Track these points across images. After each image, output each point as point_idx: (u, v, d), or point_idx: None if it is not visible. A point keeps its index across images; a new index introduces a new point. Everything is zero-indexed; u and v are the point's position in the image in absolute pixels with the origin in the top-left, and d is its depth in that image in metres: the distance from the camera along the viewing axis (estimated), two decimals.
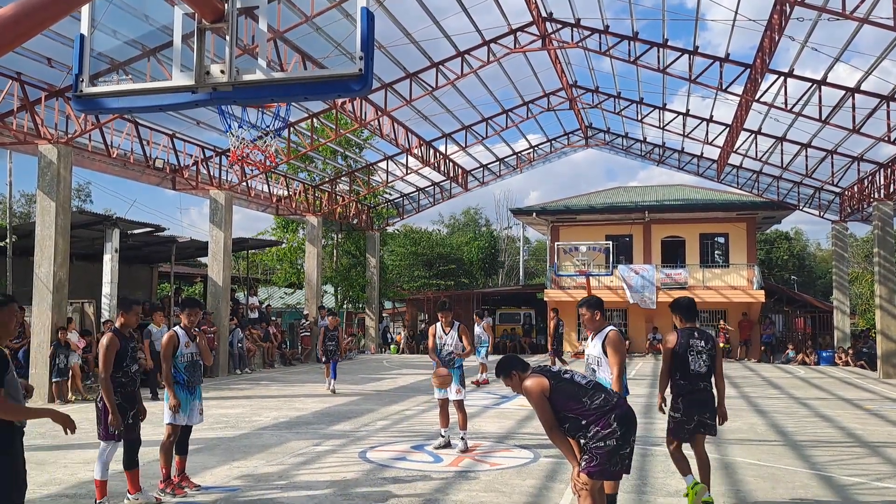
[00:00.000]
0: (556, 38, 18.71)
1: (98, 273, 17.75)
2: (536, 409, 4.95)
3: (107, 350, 6.14)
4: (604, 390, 4.97)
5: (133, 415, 6.29)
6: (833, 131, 18.99)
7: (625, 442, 4.76)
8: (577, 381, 4.96)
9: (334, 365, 15.06)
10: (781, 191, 27.42)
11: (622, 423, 4.75)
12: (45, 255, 14.36)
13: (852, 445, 9.62)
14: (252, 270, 32.14)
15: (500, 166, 30.84)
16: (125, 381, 6.25)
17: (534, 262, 58.38)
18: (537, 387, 4.87)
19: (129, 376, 6.29)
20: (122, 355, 6.22)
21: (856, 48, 14.90)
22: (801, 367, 24.53)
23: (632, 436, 4.84)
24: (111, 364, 6.14)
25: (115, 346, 6.17)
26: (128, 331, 6.47)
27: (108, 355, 6.13)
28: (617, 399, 4.94)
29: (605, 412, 4.77)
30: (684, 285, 29.14)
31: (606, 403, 4.81)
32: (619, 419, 4.75)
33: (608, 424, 4.73)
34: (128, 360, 6.27)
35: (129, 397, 6.26)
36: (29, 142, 14.74)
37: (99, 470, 6.11)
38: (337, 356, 15.23)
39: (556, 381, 4.92)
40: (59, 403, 13.46)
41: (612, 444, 4.70)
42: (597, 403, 4.80)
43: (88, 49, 4.34)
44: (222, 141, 19.47)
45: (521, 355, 20.20)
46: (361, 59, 4.04)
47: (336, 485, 7.09)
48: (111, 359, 6.14)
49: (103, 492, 6.11)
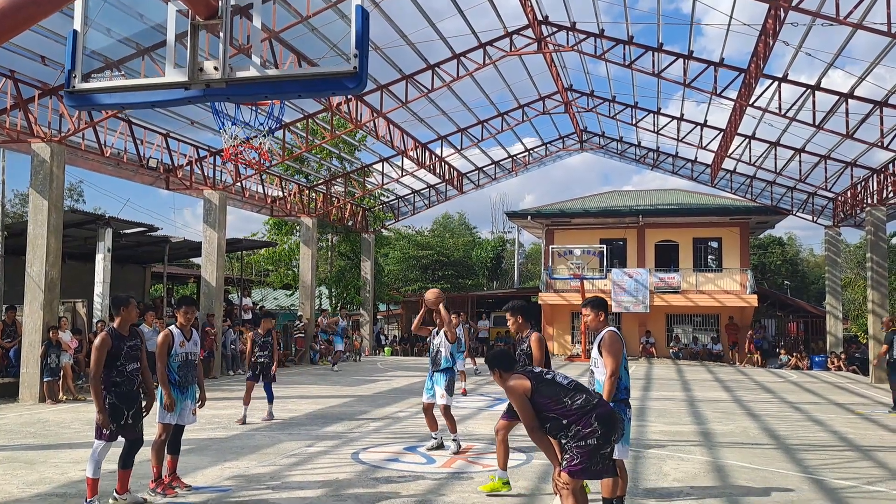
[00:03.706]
0: (552, 41, 18.76)
1: (90, 273, 17.67)
2: (518, 409, 5.03)
3: (98, 350, 6.11)
4: (585, 391, 5.03)
5: (132, 414, 6.25)
6: (827, 136, 19.07)
7: (605, 441, 4.82)
8: (558, 382, 5.03)
9: (267, 385, 11.36)
10: (775, 196, 27.51)
11: (603, 423, 4.82)
12: (37, 254, 14.28)
13: (844, 449, 9.63)
14: (246, 272, 32.06)
15: (495, 169, 30.86)
16: (120, 381, 6.19)
17: (528, 265, 58.48)
18: (519, 388, 4.98)
19: (125, 375, 6.23)
20: (114, 355, 6.17)
21: (850, 53, 14.99)
22: (793, 372, 24.60)
23: (613, 435, 4.90)
24: (101, 364, 6.10)
25: (106, 346, 6.13)
26: (127, 328, 6.38)
27: (99, 355, 6.09)
28: (598, 400, 5.00)
29: (586, 412, 4.84)
30: (677, 289, 29.23)
31: (587, 404, 4.89)
32: (599, 418, 4.83)
33: (589, 423, 4.80)
34: (122, 359, 6.21)
35: (124, 396, 6.21)
36: (22, 140, 14.68)
37: (91, 468, 6.08)
38: (270, 373, 11.35)
39: (537, 382, 4.99)
40: (49, 403, 13.39)
41: (593, 443, 4.77)
42: (578, 404, 4.88)
43: (81, 45, 4.33)
44: (216, 141, 19.43)
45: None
46: (356, 57, 4.03)
47: (328, 485, 7.06)
48: (101, 358, 6.10)
49: (94, 490, 6.07)
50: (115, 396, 6.16)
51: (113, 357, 6.17)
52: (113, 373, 6.17)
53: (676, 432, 10.71)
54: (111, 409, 6.13)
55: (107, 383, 6.15)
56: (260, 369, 11.29)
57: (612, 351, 5.73)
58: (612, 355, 5.73)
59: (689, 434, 10.57)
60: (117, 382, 6.18)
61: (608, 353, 5.76)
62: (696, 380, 20.25)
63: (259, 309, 26.22)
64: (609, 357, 5.75)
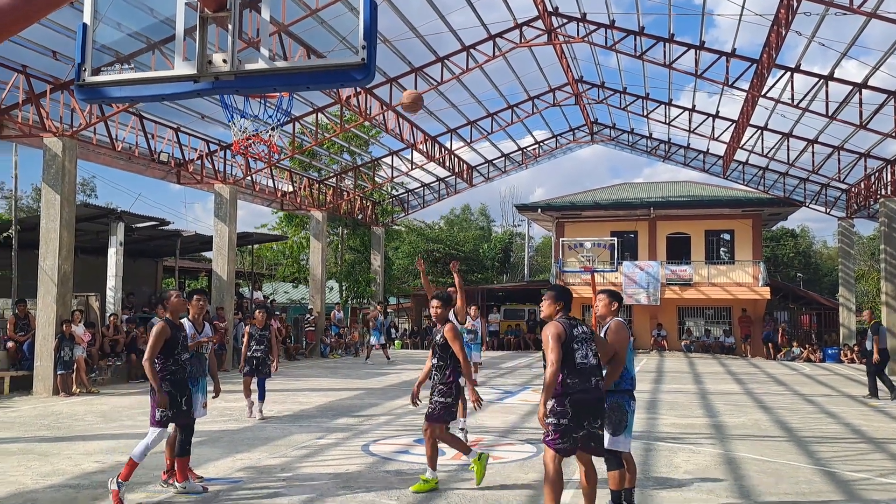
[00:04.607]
0: (562, 32, 18.66)
1: (103, 267, 17.79)
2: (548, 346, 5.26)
3: (155, 336, 6.31)
4: (579, 375, 5.22)
5: (185, 400, 6.44)
6: (840, 127, 18.91)
7: (577, 425, 5.16)
8: (576, 355, 5.27)
9: (261, 381, 10.76)
10: (787, 187, 27.33)
11: (575, 407, 5.15)
12: (49, 247, 14.39)
13: (857, 441, 9.58)
14: (257, 266, 32.18)
15: (505, 162, 30.81)
16: (175, 369, 6.41)
17: (538, 258, 58.40)
18: (554, 329, 5.28)
19: (179, 364, 6.46)
20: (172, 344, 6.40)
21: (863, 43, 14.91)
22: (806, 364, 24.47)
23: (585, 420, 5.18)
24: (156, 350, 6.31)
25: (164, 335, 6.35)
26: (178, 319, 6.65)
27: (155, 342, 6.30)
28: (583, 386, 5.21)
29: (566, 393, 5.17)
30: (689, 282, 29.11)
31: (571, 388, 5.18)
32: (574, 403, 5.16)
33: (562, 404, 5.17)
34: (179, 349, 6.45)
35: (179, 384, 6.42)
36: (34, 135, 14.78)
37: (139, 451, 6.15)
38: (267, 369, 10.87)
39: (568, 342, 5.25)
40: (63, 396, 13.51)
41: (564, 423, 5.15)
42: (567, 382, 5.19)
43: (91, 38, 4.33)
44: (227, 135, 19.49)
45: (525, 351, 20.06)
46: (364, 48, 4.01)
47: (339, 477, 7.09)
48: (157, 345, 6.31)
49: (129, 474, 6.11)
50: (171, 384, 6.35)
51: (171, 346, 6.38)
52: (170, 361, 6.38)
53: (688, 425, 10.69)
54: (168, 396, 6.28)
55: (163, 371, 6.34)
56: (256, 363, 10.71)
57: (618, 339, 5.72)
58: (619, 342, 5.71)
59: (700, 426, 10.54)
60: (173, 371, 6.39)
61: (614, 341, 5.73)
62: (708, 372, 20.18)
63: (270, 302, 26.36)
64: (615, 345, 5.72)
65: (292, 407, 12.02)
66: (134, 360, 16.55)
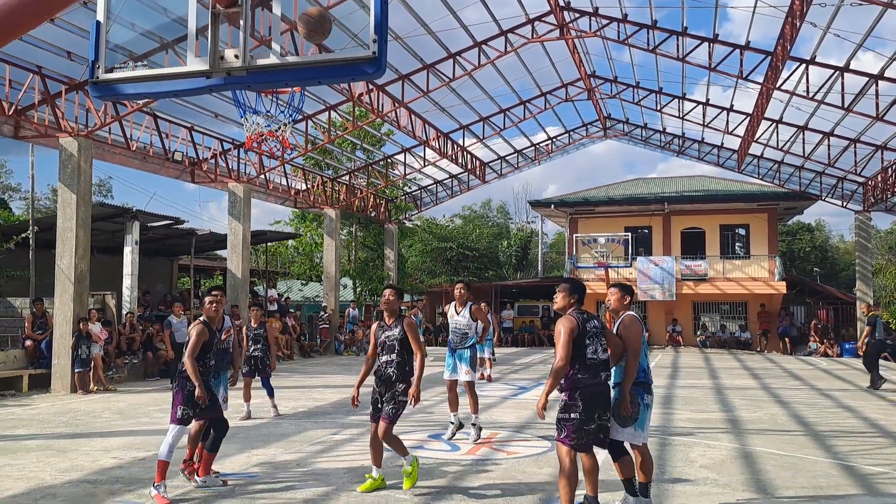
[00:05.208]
0: (574, 27, 18.59)
1: (119, 266, 17.93)
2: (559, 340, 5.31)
3: (197, 337, 6.44)
4: (589, 370, 5.28)
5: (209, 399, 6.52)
6: (856, 119, 18.70)
7: (588, 418, 5.23)
8: (587, 350, 5.31)
9: (265, 380, 10.71)
10: (803, 181, 27.07)
11: (585, 401, 5.22)
12: (66, 246, 14.52)
13: (875, 435, 9.49)
14: (271, 264, 32.31)
15: (518, 158, 30.72)
16: (203, 371, 6.50)
17: (552, 254, 58.28)
18: (568, 324, 5.31)
19: (206, 367, 6.58)
20: (207, 347, 6.52)
21: (879, 34, 14.68)
22: (823, 359, 24.26)
23: (596, 413, 5.26)
24: (196, 349, 6.41)
25: (203, 336, 6.48)
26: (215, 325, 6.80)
27: (196, 342, 6.42)
28: (593, 380, 5.27)
29: (576, 387, 5.25)
30: (704, 277, 28.92)
31: (581, 382, 5.25)
32: (584, 397, 5.23)
33: (573, 398, 5.25)
34: (210, 353, 6.59)
35: (205, 384, 6.48)
36: (50, 135, 14.90)
37: (165, 451, 6.20)
38: (268, 368, 10.77)
39: (580, 336, 5.28)
40: (81, 393, 13.64)
41: (576, 417, 5.22)
42: (578, 377, 5.25)
43: (104, 35, 4.36)
44: (241, 134, 19.53)
45: (538, 348, 19.97)
46: (375, 42, 4.02)
47: (353, 472, 7.11)
48: (198, 345, 6.43)
49: (163, 474, 6.17)
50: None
51: (205, 349, 6.50)
52: (200, 363, 6.46)
53: (703, 419, 10.63)
54: (191, 395, 6.34)
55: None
56: (255, 363, 10.67)
57: (632, 332, 5.69)
58: (632, 335, 5.68)
59: (716, 421, 10.48)
60: (202, 372, 6.45)
61: (628, 335, 5.71)
62: (724, 367, 20.06)
63: (284, 300, 26.46)
64: (629, 339, 5.70)
65: (307, 403, 12.07)
66: (150, 357, 16.68)
